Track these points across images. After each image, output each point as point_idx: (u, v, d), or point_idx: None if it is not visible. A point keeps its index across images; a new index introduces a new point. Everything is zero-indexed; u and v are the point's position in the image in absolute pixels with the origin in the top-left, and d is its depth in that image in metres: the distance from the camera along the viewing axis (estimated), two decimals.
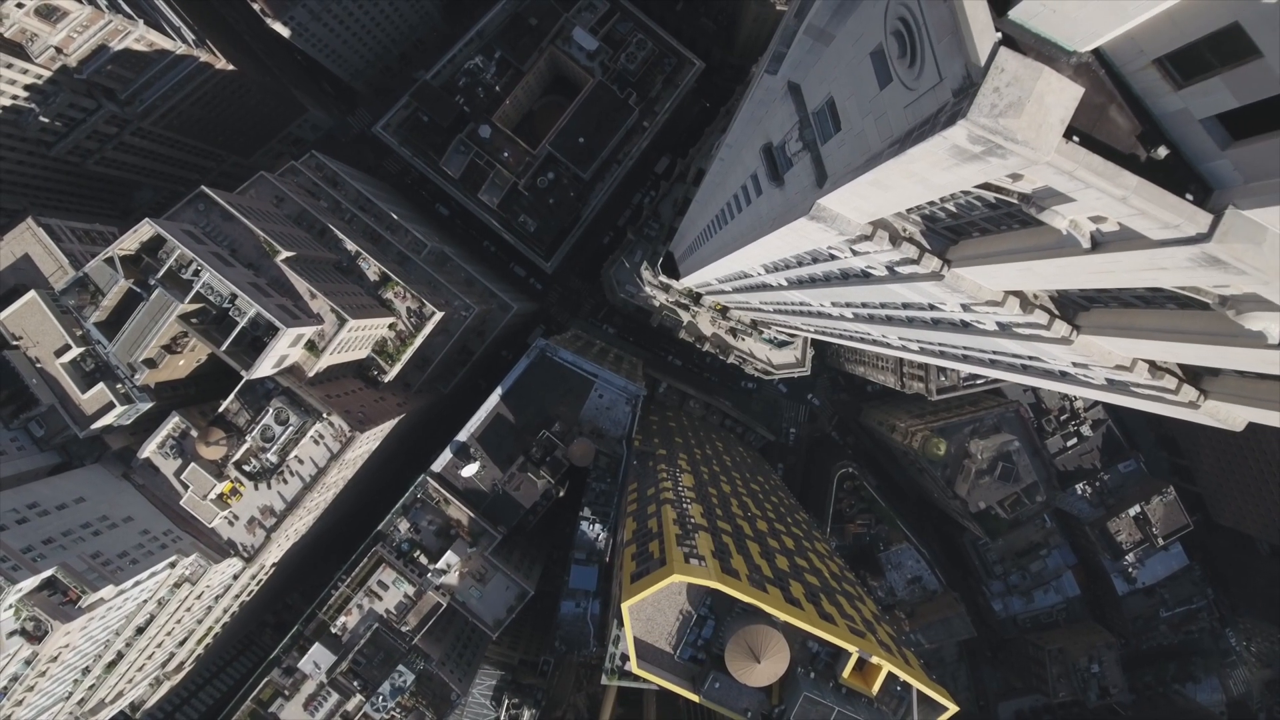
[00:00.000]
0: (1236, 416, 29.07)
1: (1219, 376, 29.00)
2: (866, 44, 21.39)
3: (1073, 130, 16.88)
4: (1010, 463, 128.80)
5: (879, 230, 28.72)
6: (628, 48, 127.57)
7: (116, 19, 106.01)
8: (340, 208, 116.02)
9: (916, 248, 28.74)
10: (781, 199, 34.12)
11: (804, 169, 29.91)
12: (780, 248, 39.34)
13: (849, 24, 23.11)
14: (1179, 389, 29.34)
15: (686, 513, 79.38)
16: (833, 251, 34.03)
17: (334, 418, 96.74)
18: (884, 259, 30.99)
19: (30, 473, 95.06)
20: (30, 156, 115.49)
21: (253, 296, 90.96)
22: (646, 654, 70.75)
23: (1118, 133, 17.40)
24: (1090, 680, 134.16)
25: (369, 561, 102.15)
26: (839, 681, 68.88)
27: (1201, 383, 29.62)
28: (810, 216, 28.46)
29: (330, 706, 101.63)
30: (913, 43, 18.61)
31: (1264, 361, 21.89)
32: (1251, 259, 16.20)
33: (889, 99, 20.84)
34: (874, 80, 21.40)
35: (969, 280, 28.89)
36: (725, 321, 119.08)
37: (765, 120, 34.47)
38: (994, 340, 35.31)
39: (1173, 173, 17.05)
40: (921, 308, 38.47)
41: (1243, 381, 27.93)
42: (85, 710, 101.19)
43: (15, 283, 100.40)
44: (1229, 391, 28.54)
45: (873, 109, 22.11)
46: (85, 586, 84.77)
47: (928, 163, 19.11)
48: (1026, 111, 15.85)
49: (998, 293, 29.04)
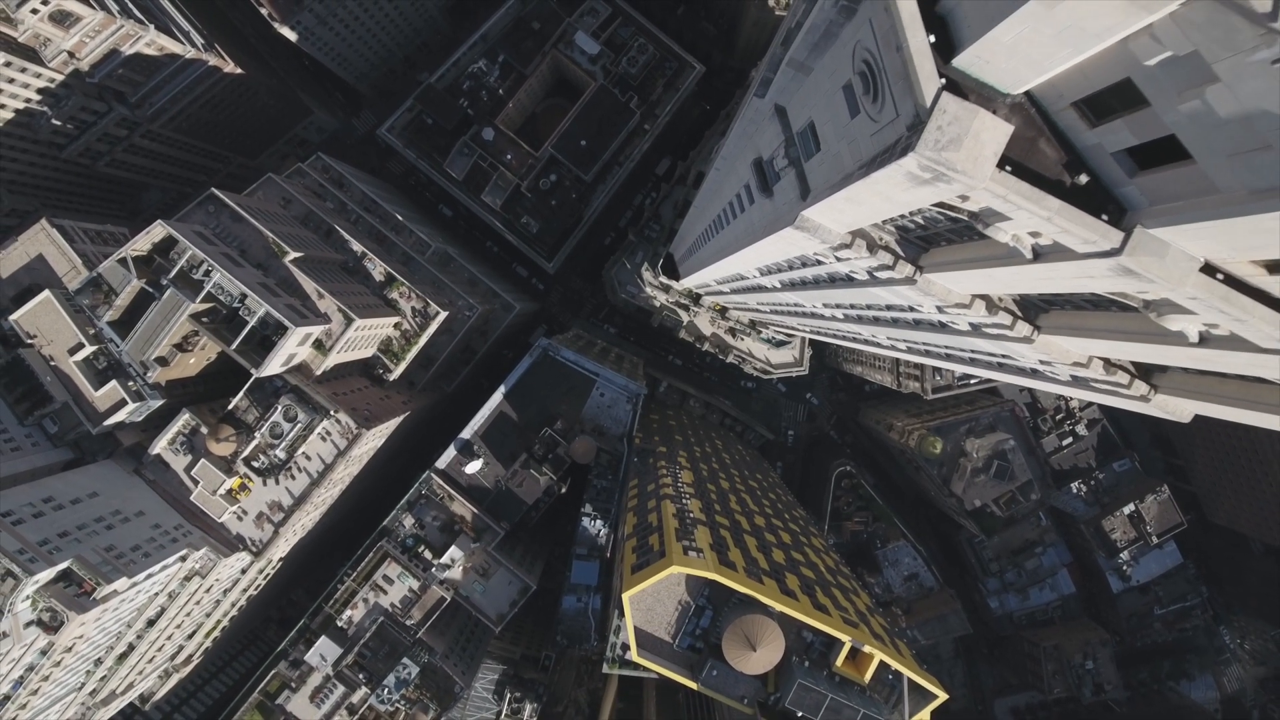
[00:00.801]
0: (1184, 409, 32.29)
1: (1167, 373, 32.25)
2: (839, 79, 24.64)
3: (1008, 159, 20.12)
4: (1005, 461, 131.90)
5: (858, 239, 31.96)
6: (629, 52, 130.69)
7: (128, 24, 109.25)
8: (346, 209, 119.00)
9: (891, 255, 31.97)
10: (771, 209, 37.37)
11: (790, 183, 33.14)
12: (772, 253, 42.59)
13: (825, 60, 26.37)
14: (1131, 384, 32.57)
15: (685, 508, 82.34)
16: (818, 257, 37.28)
17: (341, 415, 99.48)
18: (864, 265, 34.20)
19: (44, 468, 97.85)
20: (42, 158, 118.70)
21: (262, 296, 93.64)
22: (646, 643, 73.70)
23: (1046, 162, 20.66)
24: (1085, 677, 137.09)
25: (374, 556, 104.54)
26: (832, 670, 71.46)
27: (1152, 378, 32.85)
28: (796, 226, 31.65)
29: (336, 698, 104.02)
30: (875, 82, 21.85)
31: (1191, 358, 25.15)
32: (1156, 270, 19.41)
33: (858, 127, 24.08)
34: (846, 110, 24.64)
35: (939, 284, 32.09)
36: (724, 321, 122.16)
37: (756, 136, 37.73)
38: (968, 340, 38.54)
39: (1093, 196, 20.30)
40: (903, 309, 41.70)
41: (1187, 377, 31.17)
42: (97, 701, 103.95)
43: (30, 282, 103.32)
44: (1176, 386, 31.76)
45: (845, 134, 25.37)
46: (100, 579, 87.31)
47: (889, 184, 22.34)
48: (965, 146, 19.08)
49: (965, 296, 32.26)
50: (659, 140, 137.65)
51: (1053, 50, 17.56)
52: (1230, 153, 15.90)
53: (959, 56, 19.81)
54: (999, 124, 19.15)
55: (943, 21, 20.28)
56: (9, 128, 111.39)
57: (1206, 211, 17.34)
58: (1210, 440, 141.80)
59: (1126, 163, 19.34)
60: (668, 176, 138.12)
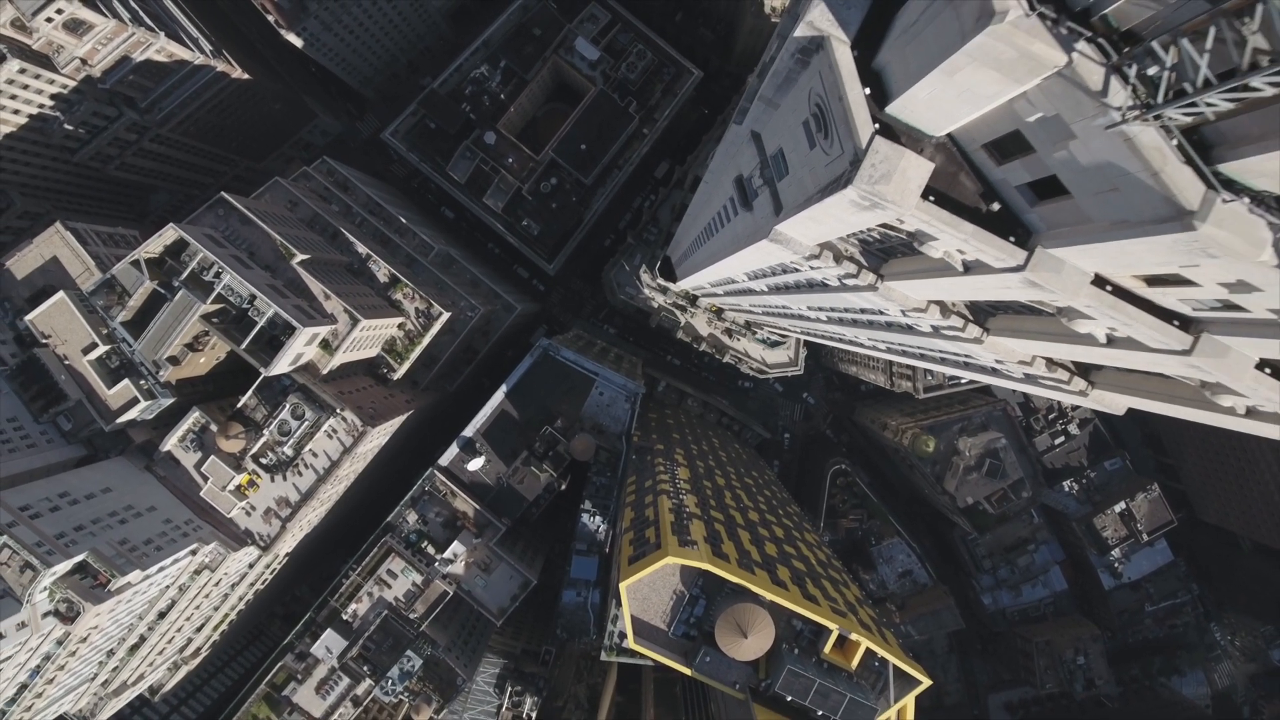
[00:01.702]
0: (1118, 403, 36.65)
1: (1102, 371, 36.57)
2: (799, 116, 28.99)
3: (933, 190, 24.49)
4: (997, 459, 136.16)
5: (825, 250, 36.28)
6: (628, 57, 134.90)
7: (139, 31, 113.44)
8: (351, 211, 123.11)
9: (856, 265, 36.31)
10: (751, 221, 41.72)
11: (766, 199, 37.49)
12: (754, 260, 46.96)
13: (788, 98, 30.70)
14: (1071, 380, 36.90)
15: (681, 503, 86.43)
16: (795, 265, 41.62)
17: (347, 413, 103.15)
18: (833, 273, 38.54)
19: (59, 464, 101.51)
20: (54, 162, 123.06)
21: (271, 297, 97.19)
22: (643, 631, 77.77)
23: (966, 192, 25.01)
24: (1076, 672, 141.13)
25: (379, 551, 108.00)
26: (821, 657, 75.43)
27: (1090, 375, 37.18)
28: (771, 239, 35.96)
29: (341, 690, 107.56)
30: (825, 122, 26.20)
31: (1105, 357, 29.47)
32: (1054, 283, 23.73)
33: (815, 158, 28.43)
34: (806, 143, 28.99)
35: (899, 291, 36.42)
36: (721, 322, 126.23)
37: (737, 156, 42.07)
38: (933, 341, 42.88)
39: (1003, 221, 24.67)
40: (875, 313, 46.03)
41: (1119, 374, 35.53)
42: (109, 691, 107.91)
43: (44, 284, 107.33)
44: (1109, 382, 36.11)
45: (806, 163, 29.72)
46: (114, 571, 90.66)
47: (839, 208, 26.67)
48: (894, 181, 23.40)
49: (922, 301, 36.57)
50: (658, 144, 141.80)
51: (958, 106, 21.95)
52: (1094, 192, 20.29)
53: (891, 105, 24.14)
54: (922, 163, 23.49)
55: (877, 75, 24.61)
56: (23, 132, 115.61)
57: (1085, 236, 21.75)
58: (1200, 440, 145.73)
59: (1028, 194, 23.70)
60: (666, 180, 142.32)
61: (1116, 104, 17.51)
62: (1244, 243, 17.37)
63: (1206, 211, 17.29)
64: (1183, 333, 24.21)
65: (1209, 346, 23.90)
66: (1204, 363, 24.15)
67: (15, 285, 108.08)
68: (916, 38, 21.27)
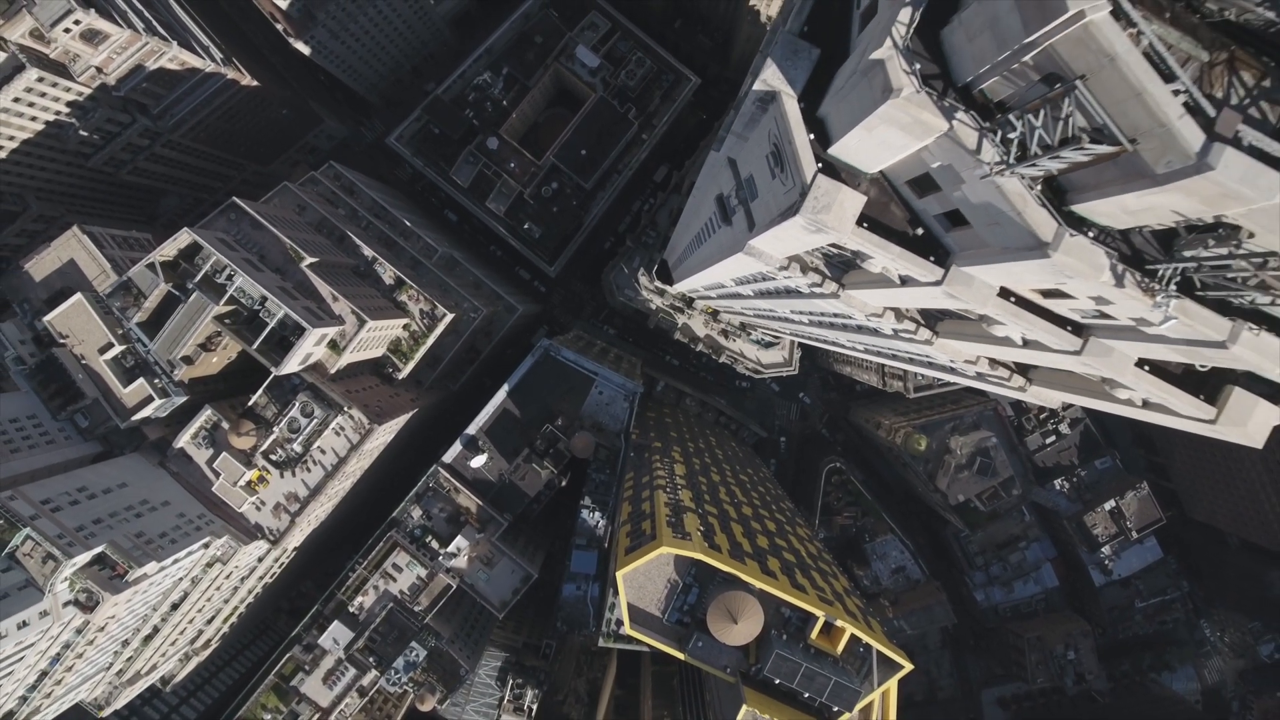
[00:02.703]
0: (1052, 397, 42.25)
1: (1038, 369, 42.12)
2: (763, 150, 34.60)
3: (868, 217, 30.04)
4: (988, 458, 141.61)
5: (793, 262, 41.86)
6: (628, 65, 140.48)
7: (153, 41, 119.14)
8: (357, 215, 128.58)
9: (820, 275, 41.87)
10: (731, 235, 47.33)
11: (742, 217, 43.09)
12: (737, 268, 52.57)
13: (754, 134, 36.30)
14: (1011, 378, 42.46)
15: (677, 497, 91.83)
16: (770, 274, 47.19)
17: (354, 411, 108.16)
18: (802, 282, 44.09)
19: (76, 460, 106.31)
20: (69, 167, 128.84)
21: (281, 299, 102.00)
22: (639, 618, 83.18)
23: (896, 219, 30.61)
24: (1067, 667, 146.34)
25: (384, 545, 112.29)
26: (808, 642, 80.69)
27: (1029, 374, 42.74)
28: (745, 252, 41.51)
29: (348, 680, 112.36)
30: (781, 159, 31.80)
31: (1024, 356, 35.03)
32: (966, 295, 29.29)
33: (776, 186, 34.03)
34: (769, 173, 34.59)
35: (858, 298, 41.97)
36: (717, 324, 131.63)
37: (718, 177, 47.66)
38: (895, 342, 48.46)
39: (927, 243, 30.24)
40: (846, 317, 51.58)
41: (1050, 373, 41.12)
42: (123, 681, 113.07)
43: (62, 285, 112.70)
44: (1043, 379, 41.69)
45: (769, 189, 35.32)
46: (132, 562, 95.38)
47: (794, 231, 32.23)
48: (833, 211, 28.99)
49: (879, 308, 42.14)
50: (657, 149, 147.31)
51: (879, 153, 27.56)
52: (984, 224, 25.90)
53: (833, 147, 29.73)
54: (857, 196, 29.08)
55: (821, 121, 30.18)
56: (39, 138, 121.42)
57: (984, 258, 27.36)
58: (1188, 439, 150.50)
59: (943, 222, 29.29)
60: (664, 184, 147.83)
61: (987, 160, 23.05)
62: (1088, 267, 22.90)
63: (1058, 243, 22.83)
64: (1075, 336, 29.79)
65: (1096, 348, 29.47)
66: (1094, 361, 29.72)
67: (34, 287, 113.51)
68: (845, 98, 26.79)
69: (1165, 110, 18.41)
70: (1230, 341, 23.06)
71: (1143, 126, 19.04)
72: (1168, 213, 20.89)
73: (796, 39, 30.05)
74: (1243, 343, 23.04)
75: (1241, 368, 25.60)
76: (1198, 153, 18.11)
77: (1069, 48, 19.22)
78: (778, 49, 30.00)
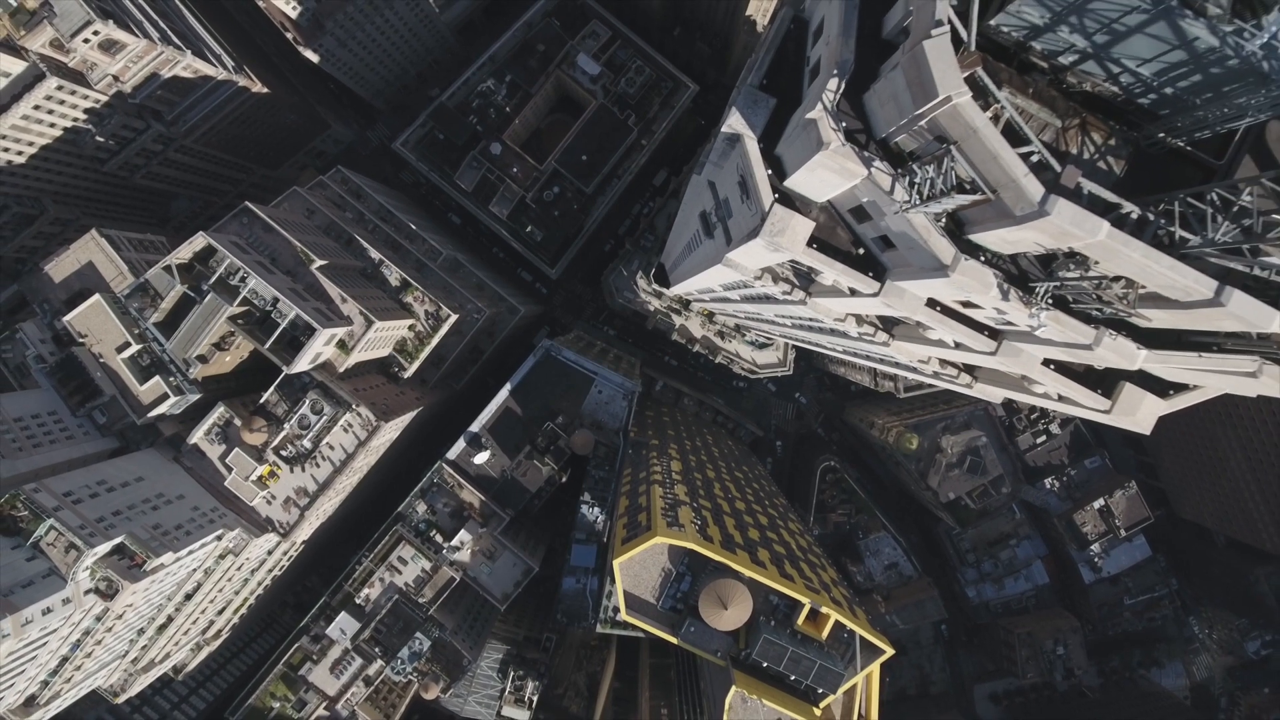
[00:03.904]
0: (995, 394, 48.66)
1: (981, 369, 48.55)
2: (734, 178, 41.13)
3: (818, 239, 36.50)
4: (978, 457, 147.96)
5: (766, 273, 48.31)
6: (627, 73, 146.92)
7: (167, 50, 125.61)
8: (364, 219, 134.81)
9: (789, 284, 48.31)
10: (713, 247, 53.83)
11: (721, 232, 49.57)
12: (720, 277, 59.04)
13: (727, 164, 42.83)
14: (959, 375, 48.90)
15: (672, 492, 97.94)
16: (748, 283, 53.66)
17: (362, 408, 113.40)
18: (775, 290, 50.55)
19: (95, 455, 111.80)
20: (85, 171, 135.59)
21: (292, 300, 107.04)
22: (634, 604, 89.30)
23: (842, 240, 37.10)
24: (1056, 662, 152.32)
25: (390, 539, 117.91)
26: (795, 628, 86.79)
27: (975, 373, 49.18)
28: (724, 264, 47.95)
29: (354, 670, 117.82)
30: (746, 188, 38.28)
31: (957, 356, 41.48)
32: (898, 305, 35.75)
33: (744, 210, 40.53)
34: (739, 198, 41.08)
35: (823, 305, 48.41)
36: (713, 325, 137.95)
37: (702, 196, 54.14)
38: (861, 344, 54.89)
39: (867, 262, 36.71)
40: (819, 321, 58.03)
41: (990, 372, 47.52)
42: (138, 668, 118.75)
43: (80, 287, 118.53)
44: (985, 378, 48.12)
45: (739, 212, 41.83)
46: (149, 552, 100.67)
47: (758, 249, 38.67)
48: (786, 234, 35.45)
49: (842, 314, 48.58)
50: (656, 154, 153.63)
51: (822, 188, 34.11)
52: (905, 248, 32.35)
53: (788, 180, 36.20)
54: (807, 222, 35.59)
55: (778, 159, 36.65)
56: (57, 144, 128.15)
57: (910, 275, 33.83)
58: (1175, 439, 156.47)
59: (880, 244, 35.80)
60: (663, 189, 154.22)
61: (899, 199, 29.49)
62: (979, 284, 29.37)
63: (955, 265, 29.28)
64: (990, 339, 36.24)
65: (1008, 349, 35.97)
66: (1007, 361, 36.21)
67: (53, 288, 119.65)
68: (793, 144, 33.26)
69: (1014, 170, 24.69)
70: (1094, 345, 29.41)
71: (1001, 180, 25.32)
72: (1033, 244, 27.25)
73: (756, 91, 36.57)
74: (1104, 345, 29.44)
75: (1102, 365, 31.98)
76: (1038, 202, 24.37)
77: (946, 119, 25.49)
78: (741, 99, 36.47)
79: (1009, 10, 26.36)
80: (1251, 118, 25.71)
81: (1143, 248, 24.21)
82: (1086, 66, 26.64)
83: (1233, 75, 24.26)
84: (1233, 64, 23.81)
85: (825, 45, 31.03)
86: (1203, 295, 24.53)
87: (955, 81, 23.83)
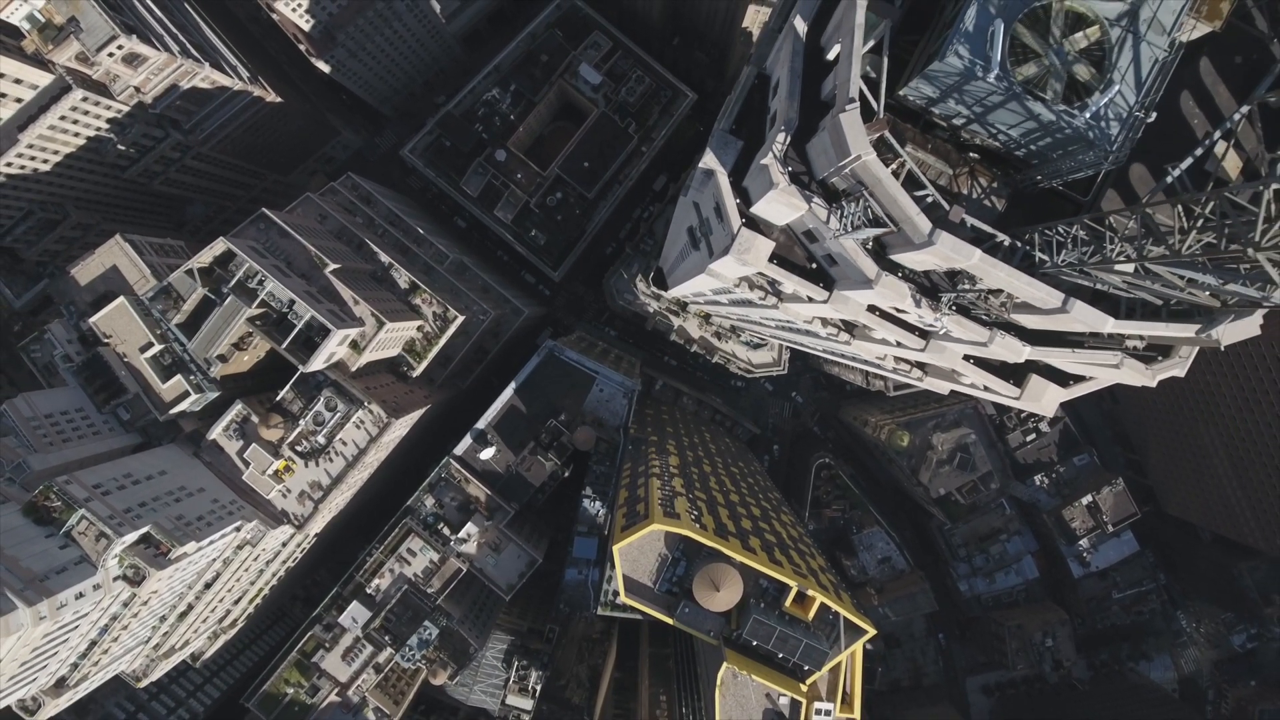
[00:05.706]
0: (941, 386, 57.57)
1: (929, 366, 57.47)
2: (711, 203, 50.09)
3: (778, 255, 45.42)
4: (968, 454, 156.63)
5: (744, 281, 57.27)
6: (628, 82, 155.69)
7: (187, 63, 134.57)
8: (374, 223, 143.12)
9: (764, 291, 57.29)
10: (699, 257, 62.88)
11: (704, 245, 58.62)
12: (706, 283, 68.10)
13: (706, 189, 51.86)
14: (911, 370, 57.83)
15: (670, 484, 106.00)
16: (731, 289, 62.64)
17: (373, 406, 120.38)
18: (753, 296, 59.53)
19: (119, 450, 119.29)
20: (106, 178, 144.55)
21: (308, 303, 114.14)
22: (633, 588, 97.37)
23: (798, 257, 46.09)
24: (1045, 654, 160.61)
25: (399, 532, 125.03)
26: (783, 610, 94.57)
27: (925, 369, 58.09)
28: (707, 273, 56.90)
29: (365, 657, 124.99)
30: (720, 213, 47.26)
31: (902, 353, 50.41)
32: (845, 310, 44.68)
33: (720, 229, 49.51)
34: (715, 219, 50.06)
35: (793, 309, 57.36)
36: (710, 326, 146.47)
37: (688, 213, 63.19)
38: (830, 344, 63.82)
39: (819, 275, 45.66)
40: (796, 324, 67.04)
41: (934, 367, 56.43)
42: (159, 654, 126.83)
43: (105, 289, 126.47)
44: (934, 374, 57.01)
45: (716, 231, 50.85)
46: (174, 542, 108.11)
47: (729, 263, 47.60)
48: (752, 252, 44.39)
49: (809, 317, 57.53)
50: (655, 160, 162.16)
51: (778, 214, 43.01)
52: (843, 265, 41.29)
53: (753, 207, 45.13)
54: (768, 242, 44.55)
55: (746, 190, 45.64)
56: (80, 152, 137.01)
57: (849, 286, 42.74)
58: (1161, 436, 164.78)
59: (828, 260, 44.76)
60: (663, 194, 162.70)
61: (833, 228, 38.50)
62: (896, 295, 38.32)
63: (878, 280, 38.23)
64: (920, 338, 45.22)
65: (934, 347, 44.96)
66: (935, 356, 45.16)
67: (79, 291, 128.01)
68: (754, 180, 42.20)
69: (908, 210, 33.58)
70: (989, 342, 38.32)
71: (900, 217, 34.19)
72: (932, 264, 36.16)
73: (727, 134, 45.60)
74: (996, 343, 38.36)
75: (998, 359, 40.96)
76: (927, 234, 33.20)
77: (860, 171, 34.32)
78: (715, 140, 45.51)
79: (910, 86, 35.21)
80: (1090, 170, 34.63)
81: (1007, 268, 32.99)
82: (973, 127, 35.41)
83: (1071, 139, 33.10)
84: (1069, 132, 32.61)
85: (779, 102, 40.01)
86: (1054, 304, 33.28)
87: (863, 144, 32.61)
